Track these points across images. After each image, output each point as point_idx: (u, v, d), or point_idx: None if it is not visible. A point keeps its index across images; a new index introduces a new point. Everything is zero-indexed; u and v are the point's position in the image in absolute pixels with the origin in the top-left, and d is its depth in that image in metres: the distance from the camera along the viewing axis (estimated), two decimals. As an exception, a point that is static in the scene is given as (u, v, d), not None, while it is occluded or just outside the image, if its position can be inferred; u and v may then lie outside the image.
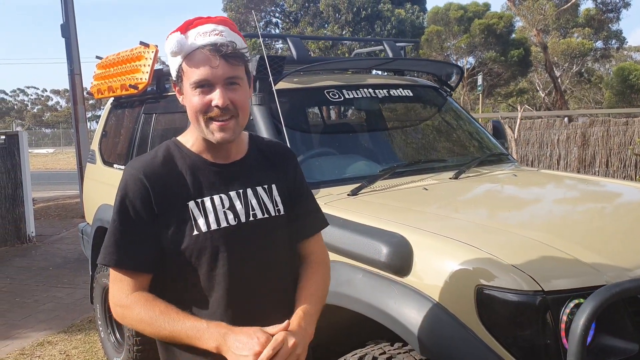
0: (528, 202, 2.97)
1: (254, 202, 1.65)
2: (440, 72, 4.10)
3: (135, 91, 4.09)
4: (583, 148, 8.88)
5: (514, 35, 26.40)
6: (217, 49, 1.51)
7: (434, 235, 2.21)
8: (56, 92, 55.68)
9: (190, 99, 1.55)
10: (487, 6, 27.04)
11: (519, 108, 10.74)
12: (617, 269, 1.97)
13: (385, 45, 4.04)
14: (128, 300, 1.55)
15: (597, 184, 3.42)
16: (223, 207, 1.61)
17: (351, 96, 3.44)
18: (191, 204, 1.58)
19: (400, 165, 3.16)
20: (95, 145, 5.02)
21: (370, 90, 3.51)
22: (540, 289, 1.86)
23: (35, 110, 55.63)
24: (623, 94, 28.64)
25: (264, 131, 2.97)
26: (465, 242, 2.11)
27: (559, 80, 28.49)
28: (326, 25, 24.45)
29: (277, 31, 27.40)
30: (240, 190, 1.64)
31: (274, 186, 1.70)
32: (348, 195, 2.78)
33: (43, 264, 7.49)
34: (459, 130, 3.86)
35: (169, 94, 4.12)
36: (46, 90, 56.07)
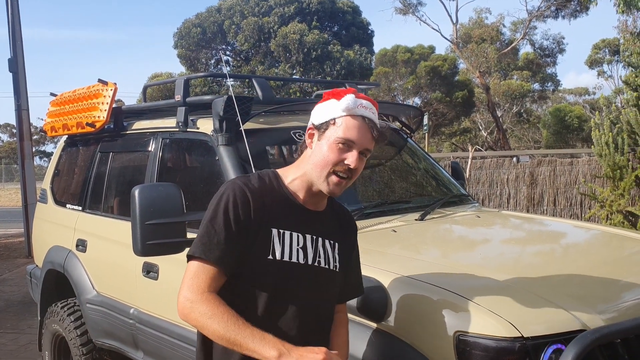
0: (496, 244, 3.01)
1: (321, 251, 1.89)
2: (401, 114, 4.16)
3: (93, 129, 3.99)
4: (531, 187, 9.18)
5: (457, 77, 27.32)
6: (373, 125, 1.82)
7: (409, 279, 2.20)
8: (-4, 126, 53.82)
9: (326, 149, 1.80)
10: (432, 49, 28.00)
11: (470, 148, 11.05)
12: (592, 313, 2.00)
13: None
14: (201, 297, 1.69)
15: (559, 226, 3.50)
16: (297, 244, 1.84)
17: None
18: (274, 231, 1.80)
19: (368, 207, 3.15)
20: (46, 184, 4.83)
21: (335, 131, 3.52)
22: (520, 335, 1.87)
23: (-27, 144, 53.55)
24: (560, 133, 29.97)
25: (230, 171, 2.92)
26: (442, 286, 2.11)
27: (501, 120, 29.53)
28: (277, 64, 24.69)
29: (228, 69, 27.45)
30: (314, 237, 1.88)
31: (337, 245, 1.94)
32: (318, 237, 2.74)
33: (-17, 307, 7.10)
34: (420, 171, 3.91)
35: (127, 132, 4.03)
36: (-15, 125, 54.09)
